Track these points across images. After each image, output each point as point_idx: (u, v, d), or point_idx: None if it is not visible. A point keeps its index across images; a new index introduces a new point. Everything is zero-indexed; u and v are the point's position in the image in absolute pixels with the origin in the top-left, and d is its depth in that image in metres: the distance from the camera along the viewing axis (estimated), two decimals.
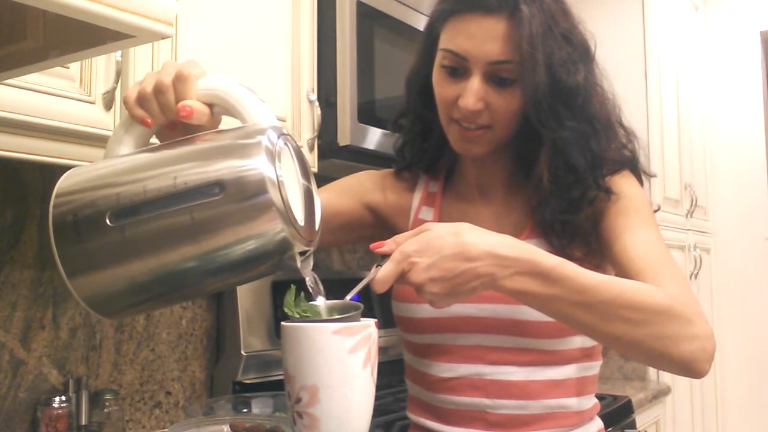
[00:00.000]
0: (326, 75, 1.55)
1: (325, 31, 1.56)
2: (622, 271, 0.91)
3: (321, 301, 0.75)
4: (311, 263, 0.73)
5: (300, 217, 0.68)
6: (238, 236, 0.66)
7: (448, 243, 0.77)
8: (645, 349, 0.83)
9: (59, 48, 0.75)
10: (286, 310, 0.75)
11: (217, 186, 0.65)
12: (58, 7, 0.62)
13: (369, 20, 1.62)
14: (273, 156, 0.66)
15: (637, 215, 0.95)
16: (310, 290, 0.74)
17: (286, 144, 0.70)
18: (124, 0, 0.65)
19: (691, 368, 0.83)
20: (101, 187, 0.70)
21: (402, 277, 0.78)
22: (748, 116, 3.41)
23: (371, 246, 0.81)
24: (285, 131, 0.71)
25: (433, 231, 0.79)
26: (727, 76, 3.45)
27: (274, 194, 0.65)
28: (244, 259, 0.67)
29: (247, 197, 0.65)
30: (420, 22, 1.74)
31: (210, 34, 1.32)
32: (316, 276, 0.74)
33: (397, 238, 0.80)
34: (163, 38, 0.71)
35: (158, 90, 0.73)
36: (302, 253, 0.70)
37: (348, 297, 0.77)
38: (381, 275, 0.77)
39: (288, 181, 0.67)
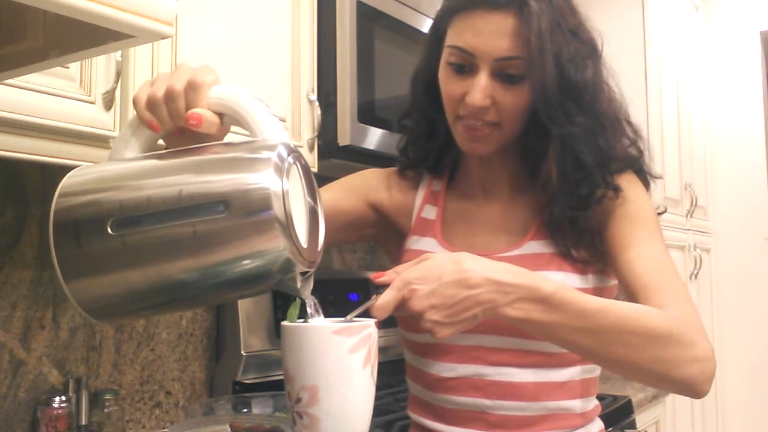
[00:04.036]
0: (326, 75, 1.55)
1: (325, 31, 1.56)
2: (625, 285, 0.91)
3: (324, 322, 0.74)
4: (311, 284, 0.73)
5: (303, 237, 0.68)
6: (240, 253, 0.65)
7: (449, 270, 0.78)
8: (645, 373, 0.83)
9: (59, 48, 0.75)
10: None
11: (222, 203, 0.64)
12: (58, 7, 0.62)
13: (369, 20, 1.62)
14: (281, 174, 0.66)
15: (643, 227, 0.94)
16: (309, 314, 0.74)
17: (295, 162, 0.69)
18: (124, 0, 0.65)
19: (692, 390, 0.84)
20: (105, 192, 0.69)
21: (402, 305, 0.78)
22: (748, 116, 3.41)
23: (371, 276, 0.81)
24: (295, 148, 0.71)
25: (433, 259, 0.79)
26: (727, 76, 3.45)
27: (279, 212, 0.64)
28: (244, 277, 0.67)
29: (251, 213, 0.64)
30: (420, 22, 1.74)
31: (210, 34, 1.32)
32: (316, 301, 0.74)
33: (398, 268, 0.80)
34: (163, 38, 0.71)
35: (169, 97, 0.72)
36: (303, 273, 0.70)
37: (349, 316, 0.76)
38: (381, 302, 0.76)
39: (294, 200, 0.67)
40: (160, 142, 0.78)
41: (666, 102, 2.85)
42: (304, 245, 0.68)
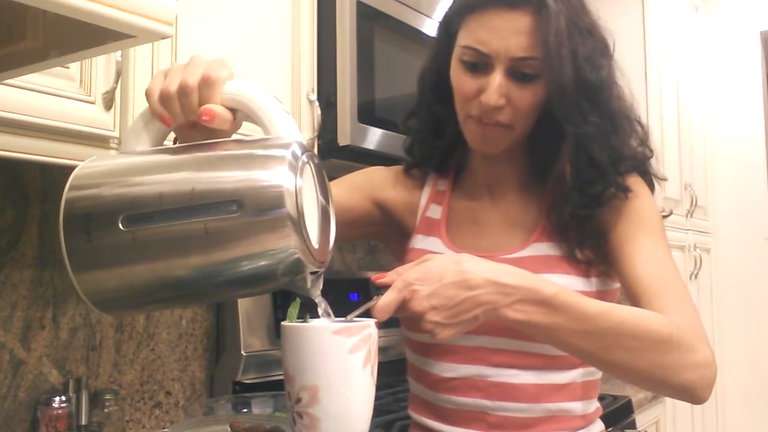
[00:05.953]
0: (326, 75, 1.55)
1: (325, 31, 1.56)
2: (628, 289, 0.91)
3: (324, 322, 0.74)
4: (321, 285, 0.72)
5: (315, 236, 0.68)
6: (251, 251, 0.65)
7: (450, 271, 0.78)
8: (645, 377, 0.83)
9: (59, 48, 0.75)
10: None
11: (235, 202, 0.64)
12: (58, 7, 0.62)
13: (369, 20, 1.62)
14: (295, 172, 0.65)
15: (648, 230, 0.94)
16: (320, 316, 0.74)
17: (309, 161, 0.69)
18: (124, 0, 0.65)
19: (692, 396, 0.83)
20: (117, 187, 0.68)
21: (403, 306, 0.78)
22: (748, 116, 3.41)
23: (372, 278, 0.81)
24: (309, 147, 0.70)
25: (434, 260, 0.80)
26: (727, 76, 3.45)
27: (291, 210, 0.64)
28: (254, 275, 0.66)
29: (263, 211, 0.64)
30: (420, 22, 1.74)
31: (210, 34, 1.32)
32: (326, 302, 0.73)
33: (399, 269, 0.80)
34: (163, 38, 0.71)
35: (182, 91, 0.71)
36: (312, 273, 0.70)
37: (350, 316, 0.76)
38: (382, 303, 0.76)
39: (307, 200, 0.66)
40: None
41: (666, 102, 2.85)
42: (315, 245, 0.67)
